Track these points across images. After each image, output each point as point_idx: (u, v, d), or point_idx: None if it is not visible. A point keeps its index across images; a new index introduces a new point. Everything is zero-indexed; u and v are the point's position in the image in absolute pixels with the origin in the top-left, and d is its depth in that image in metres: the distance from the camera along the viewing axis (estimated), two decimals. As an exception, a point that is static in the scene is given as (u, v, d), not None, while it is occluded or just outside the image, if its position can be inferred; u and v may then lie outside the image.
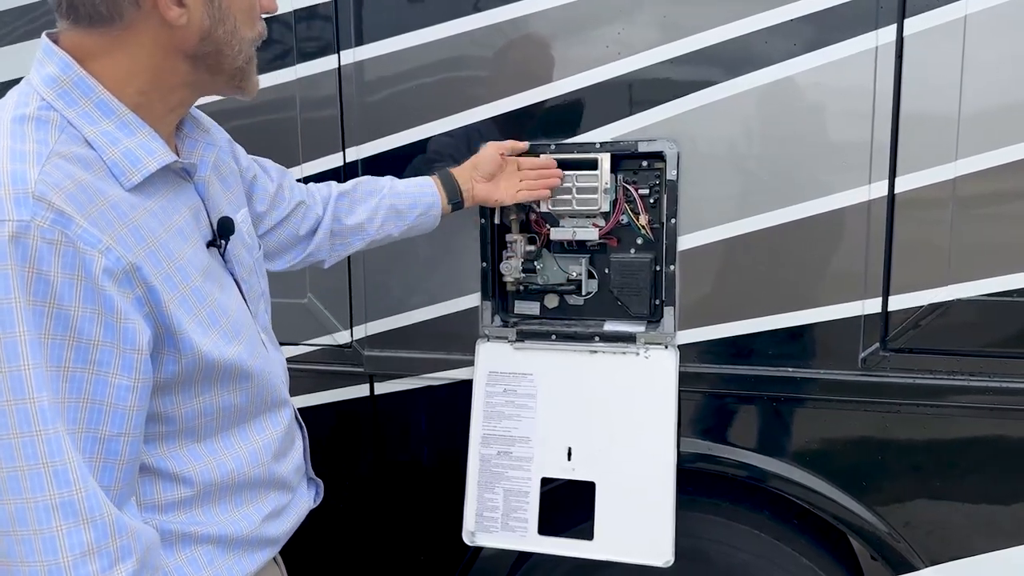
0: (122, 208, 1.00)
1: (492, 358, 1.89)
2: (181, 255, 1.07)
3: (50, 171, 0.93)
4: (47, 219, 0.90)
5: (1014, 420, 1.67)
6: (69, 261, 0.91)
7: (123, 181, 1.01)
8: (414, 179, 1.76)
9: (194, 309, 1.07)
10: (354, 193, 1.67)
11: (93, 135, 1.00)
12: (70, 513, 0.91)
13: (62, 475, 0.91)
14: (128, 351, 0.96)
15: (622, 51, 1.74)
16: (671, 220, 1.77)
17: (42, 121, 0.99)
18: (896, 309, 1.68)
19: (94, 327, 0.93)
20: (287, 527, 1.29)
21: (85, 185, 0.96)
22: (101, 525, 0.93)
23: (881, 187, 1.65)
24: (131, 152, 1.02)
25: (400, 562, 2.11)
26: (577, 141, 1.80)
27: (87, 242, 0.93)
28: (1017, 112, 1.58)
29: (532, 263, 1.89)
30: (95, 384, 0.94)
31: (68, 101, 1.00)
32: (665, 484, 1.74)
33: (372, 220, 1.66)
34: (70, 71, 1.01)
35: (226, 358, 1.11)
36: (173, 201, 1.10)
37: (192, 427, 1.11)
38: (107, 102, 1.02)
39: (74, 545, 0.91)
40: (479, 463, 1.85)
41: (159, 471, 1.08)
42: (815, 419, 1.79)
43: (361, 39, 1.88)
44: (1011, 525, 1.72)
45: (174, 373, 1.05)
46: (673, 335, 1.80)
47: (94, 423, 0.94)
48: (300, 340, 2.04)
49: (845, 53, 1.63)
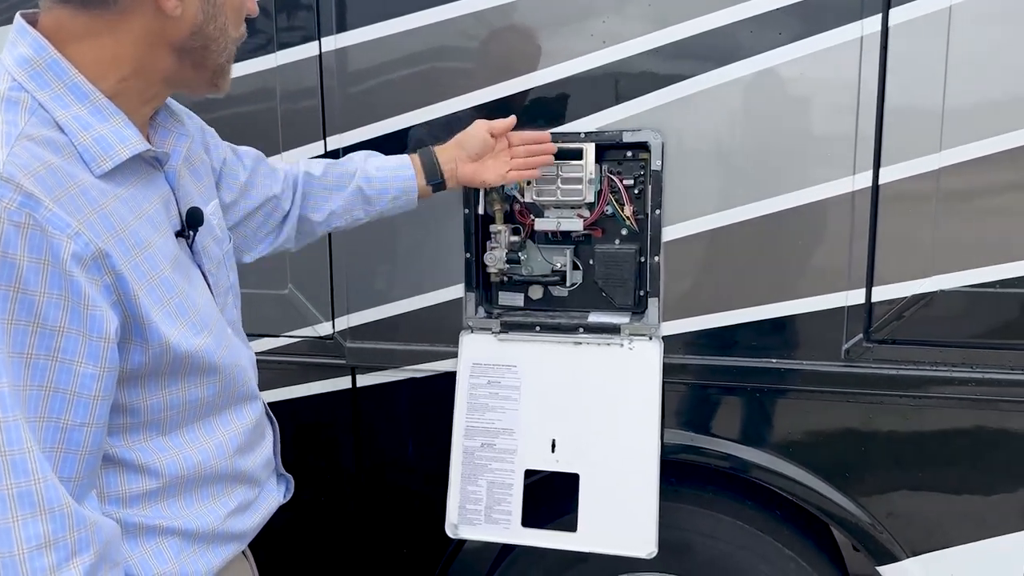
0: (92, 194, 0.98)
1: (476, 350, 1.87)
2: (151, 244, 1.05)
3: (19, 152, 0.91)
4: (14, 201, 0.88)
5: (996, 411, 1.68)
6: (36, 244, 0.89)
7: (93, 167, 0.99)
8: (391, 160, 1.69)
9: (163, 299, 1.05)
10: (324, 179, 1.61)
11: (64, 119, 0.98)
12: (27, 504, 0.89)
13: (20, 465, 0.88)
14: (95, 339, 0.94)
15: (607, 40, 1.73)
16: (656, 211, 1.76)
17: (12, 102, 0.96)
18: (879, 300, 1.69)
19: (60, 313, 0.91)
20: (254, 523, 1.27)
21: (55, 168, 0.94)
22: (59, 516, 0.91)
23: (865, 178, 1.65)
24: (103, 138, 1.00)
25: (383, 556, 2.09)
26: (562, 131, 1.79)
27: (56, 226, 0.91)
28: (1001, 104, 1.59)
29: (516, 254, 1.87)
30: (59, 372, 0.92)
31: (40, 83, 0.98)
32: (649, 476, 1.74)
33: (341, 208, 1.62)
34: (44, 52, 0.99)
35: (193, 350, 1.09)
36: (143, 190, 1.08)
37: (158, 419, 1.09)
38: (80, 86, 1.00)
39: (30, 537, 0.89)
40: (462, 455, 1.84)
41: (124, 462, 1.06)
42: (798, 410, 1.79)
43: (343, 26, 1.86)
44: (992, 516, 1.73)
45: (141, 364, 1.03)
46: (657, 326, 1.80)
47: (56, 412, 0.92)
48: (281, 332, 2.02)
49: (830, 43, 1.63)
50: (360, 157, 1.69)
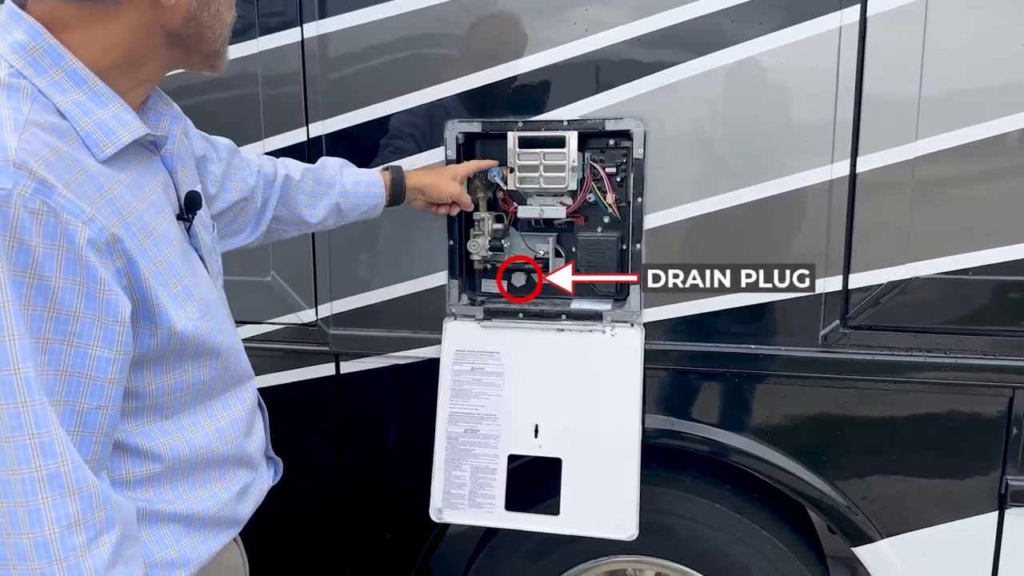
0: (98, 179, 0.98)
1: (459, 336, 1.89)
2: (155, 228, 1.06)
3: (28, 139, 0.91)
4: (28, 188, 0.88)
5: (969, 395, 1.72)
6: (50, 231, 0.90)
7: (96, 152, 0.99)
8: (364, 175, 1.73)
9: (169, 283, 1.06)
10: (302, 184, 1.62)
11: (65, 105, 0.98)
12: (56, 485, 0.90)
13: (48, 447, 0.90)
14: (110, 323, 0.95)
15: (589, 28, 1.73)
16: (638, 199, 1.78)
17: (13, 88, 0.96)
18: (856, 287, 1.72)
19: (75, 298, 0.92)
20: (251, 507, 1.29)
21: (62, 155, 0.94)
22: (88, 497, 0.93)
23: (843, 167, 1.67)
24: (104, 123, 1.00)
25: (367, 541, 2.11)
26: (544, 119, 1.79)
27: (70, 212, 0.91)
28: (977, 94, 1.61)
29: (499, 241, 1.88)
30: (74, 356, 0.93)
31: (38, 69, 0.97)
32: (630, 460, 1.76)
33: (314, 216, 1.65)
34: (40, 38, 0.98)
35: (199, 332, 1.10)
36: (144, 174, 1.08)
37: (161, 403, 1.10)
38: (78, 71, 0.99)
39: (60, 517, 0.91)
40: (446, 441, 1.86)
41: (128, 447, 1.07)
42: (776, 395, 1.82)
43: (325, 12, 1.85)
44: (964, 498, 1.77)
45: (149, 347, 1.04)
46: (639, 313, 1.82)
47: (72, 395, 0.93)
48: (264, 319, 2.02)
49: (809, 33, 1.65)
50: (335, 166, 1.70)
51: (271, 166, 1.59)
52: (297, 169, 1.63)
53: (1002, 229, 1.64)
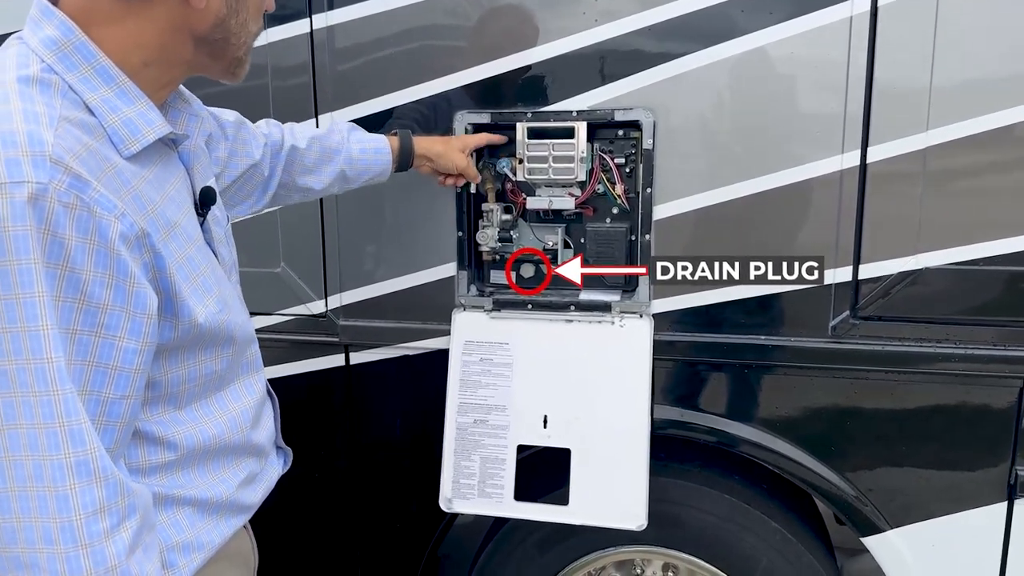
0: (125, 175, 1.00)
1: (468, 327, 1.89)
2: (177, 223, 1.08)
3: (62, 135, 0.93)
4: (64, 182, 0.90)
5: (979, 386, 1.72)
6: (83, 225, 0.92)
7: (122, 149, 1.01)
8: (371, 141, 1.73)
9: (190, 276, 1.08)
10: (309, 152, 1.63)
11: (94, 101, 0.99)
12: (84, 472, 0.93)
13: (78, 435, 0.92)
14: (138, 315, 0.97)
15: (599, 19, 1.73)
16: (647, 189, 1.78)
17: (45, 84, 0.97)
18: (866, 278, 1.71)
19: (104, 291, 0.94)
20: (260, 494, 1.31)
21: (93, 151, 0.96)
22: (112, 484, 0.95)
23: (853, 157, 1.67)
24: (131, 121, 1.02)
25: (377, 530, 2.12)
26: (553, 110, 1.79)
27: (104, 207, 0.93)
28: (988, 84, 1.60)
29: (508, 232, 1.88)
30: (101, 347, 0.95)
31: (68, 65, 0.99)
32: (638, 450, 1.77)
33: (319, 183, 1.66)
34: (71, 35, 0.99)
35: (218, 325, 1.13)
36: (164, 171, 1.10)
37: (176, 393, 1.12)
38: (108, 69, 1.01)
39: (87, 503, 0.93)
40: (455, 431, 1.86)
41: (144, 434, 1.09)
42: (785, 386, 1.82)
43: (333, 3, 1.85)
44: (973, 488, 1.77)
45: (170, 339, 1.06)
46: (648, 304, 1.82)
47: (98, 385, 0.96)
48: (274, 310, 2.03)
49: (820, 23, 1.64)
50: (343, 130, 1.71)
51: (279, 133, 1.60)
52: (304, 137, 1.64)
53: (1013, 219, 1.64)
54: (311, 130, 1.68)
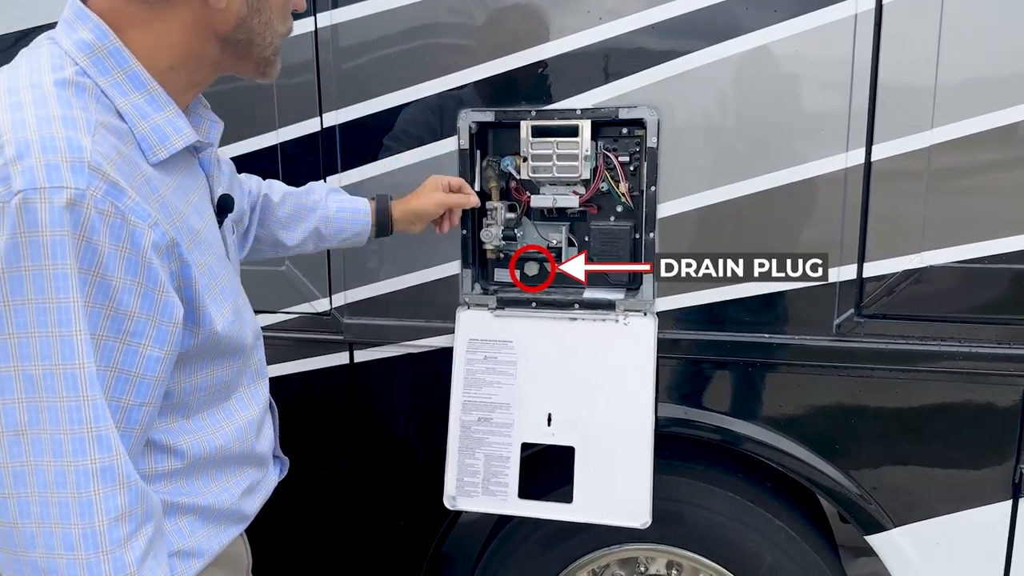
0: (154, 183, 1.00)
1: (472, 325, 1.89)
2: (200, 232, 1.08)
3: (100, 141, 0.93)
4: (100, 189, 0.91)
5: (984, 384, 1.72)
6: (116, 232, 0.92)
7: (149, 156, 1.01)
8: (349, 203, 1.71)
9: (210, 285, 1.08)
10: (282, 207, 1.62)
11: (125, 107, 1.00)
12: (109, 478, 0.93)
13: (104, 440, 0.92)
14: (164, 323, 0.98)
15: (603, 16, 1.73)
16: (651, 188, 1.78)
17: (80, 87, 0.97)
18: (870, 276, 1.71)
19: (132, 298, 0.94)
20: (258, 503, 1.31)
21: (125, 157, 0.96)
22: (134, 490, 0.95)
23: (858, 155, 1.67)
24: (159, 128, 1.02)
25: (380, 528, 2.12)
26: (558, 107, 1.79)
27: (138, 215, 0.94)
28: (993, 82, 1.60)
29: (512, 231, 1.88)
30: (125, 354, 0.95)
31: (101, 69, 0.99)
32: (643, 448, 1.77)
33: (291, 239, 1.64)
34: (106, 39, 0.99)
35: (233, 333, 1.13)
36: (186, 178, 1.10)
37: (186, 402, 1.12)
38: (139, 74, 1.01)
39: (110, 509, 0.93)
40: (460, 429, 1.87)
41: (151, 442, 1.09)
42: (789, 384, 1.82)
43: (337, 1, 1.85)
44: (978, 486, 1.77)
45: (189, 347, 1.06)
46: (652, 302, 1.82)
47: (119, 392, 0.96)
48: (278, 308, 2.03)
49: (825, 21, 1.64)
50: (321, 192, 1.69)
51: (256, 186, 1.60)
52: (279, 191, 1.63)
53: (1018, 218, 1.63)
54: (285, 186, 1.67)
